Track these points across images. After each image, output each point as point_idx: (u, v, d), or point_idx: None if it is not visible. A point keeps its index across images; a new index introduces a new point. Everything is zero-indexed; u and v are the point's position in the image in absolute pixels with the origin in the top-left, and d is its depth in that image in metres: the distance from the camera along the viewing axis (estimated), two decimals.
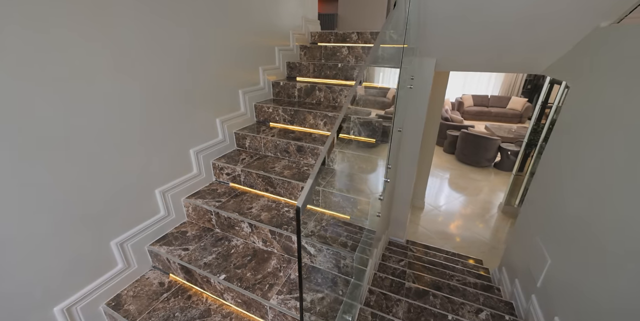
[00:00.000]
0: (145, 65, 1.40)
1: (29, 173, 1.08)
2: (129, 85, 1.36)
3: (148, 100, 1.46)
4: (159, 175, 1.62)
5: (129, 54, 1.33)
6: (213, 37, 1.75)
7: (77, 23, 1.13)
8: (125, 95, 1.35)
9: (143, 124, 1.46)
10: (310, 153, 1.89)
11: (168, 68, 1.52)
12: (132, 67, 1.35)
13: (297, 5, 2.54)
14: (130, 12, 1.29)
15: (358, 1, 3.97)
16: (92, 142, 1.27)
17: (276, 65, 2.37)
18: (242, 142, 2.09)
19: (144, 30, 1.36)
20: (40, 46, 1.04)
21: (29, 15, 0.99)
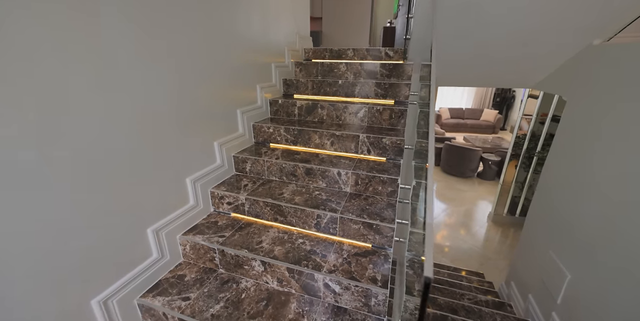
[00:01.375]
0: (134, 84, 1.21)
1: None
2: (116, 110, 1.15)
3: (139, 125, 1.25)
4: (152, 211, 1.39)
5: (115, 71, 1.13)
6: (210, 53, 1.59)
7: (55, 25, 0.93)
8: (112, 120, 1.14)
9: (133, 153, 1.24)
10: (320, 176, 1.74)
11: (161, 88, 1.33)
12: (119, 88, 1.15)
13: (291, 21, 2.46)
14: (118, 24, 1.11)
15: (342, 19, 4.01)
16: (72, 177, 1.03)
17: (273, 82, 2.24)
18: (242, 166, 1.89)
19: (133, 44, 1.18)
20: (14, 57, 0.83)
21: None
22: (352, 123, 2.05)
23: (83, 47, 1.00)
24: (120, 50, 1.12)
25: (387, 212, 1.54)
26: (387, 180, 1.64)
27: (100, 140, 1.10)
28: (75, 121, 1.01)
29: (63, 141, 0.98)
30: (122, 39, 1.12)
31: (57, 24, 0.92)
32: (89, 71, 1.03)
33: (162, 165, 1.40)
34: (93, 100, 1.06)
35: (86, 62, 1.02)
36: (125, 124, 1.19)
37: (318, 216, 1.54)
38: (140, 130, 1.25)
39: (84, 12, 0.99)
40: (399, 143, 1.78)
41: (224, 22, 1.66)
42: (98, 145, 1.10)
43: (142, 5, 1.18)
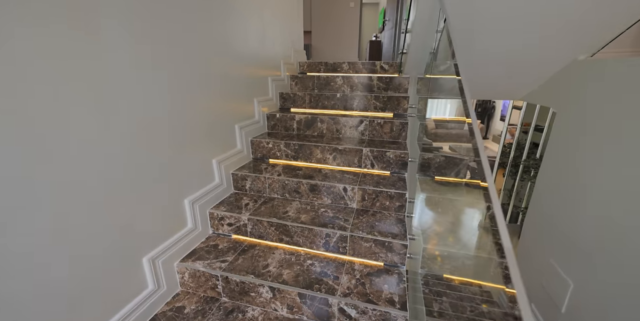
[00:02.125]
0: (132, 101, 1.12)
1: None
2: (113, 129, 1.06)
3: (136, 144, 1.16)
4: (148, 238, 1.27)
5: (113, 86, 1.05)
6: (209, 68, 1.53)
7: (45, 44, 0.84)
8: (107, 139, 1.05)
9: (129, 175, 1.14)
10: (325, 192, 1.68)
11: (160, 104, 1.25)
12: (115, 104, 1.07)
13: (286, 35, 2.45)
14: (119, 40, 1.04)
15: (330, 33, 4.07)
16: (60, 200, 0.92)
17: (269, 96, 2.19)
18: (241, 184, 1.80)
19: (133, 60, 1.10)
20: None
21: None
22: (353, 137, 2.02)
23: (82, 63, 0.92)
24: (120, 66, 1.04)
25: (397, 227, 1.50)
26: (394, 195, 1.60)
27: (93, 161, 1.00)
28: (68, 139, 0.91)
29: (54, 160, 0.88)
30: (123, 54, 1.05)
31: (56, 42, 0.84)
32: (87, 87, 0.94)
33: (160, 187, 1.30)
34: (89, 117, 0.97)
35: (85, 78, 0.93)
36: (122, 143, 1.09)
37: (327, 235, 1.47)
38: (137, 150, 1.16)
39: (83, 29, 0.91)
40: (403, 157, 1.76)
41: (222, 36, 1.61)
42: (91, 166, 1.00)
43: (142, 21, 1.11)
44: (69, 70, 0.89)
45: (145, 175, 1.21)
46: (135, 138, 1.14)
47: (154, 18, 1.16)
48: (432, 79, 1.96)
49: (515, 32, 1.77)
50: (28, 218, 0.83)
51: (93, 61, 0.96)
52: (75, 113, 0.92)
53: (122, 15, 1.04)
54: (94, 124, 0.98)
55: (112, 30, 1.00)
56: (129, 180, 1.13)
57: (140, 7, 1.10)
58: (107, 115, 1.02)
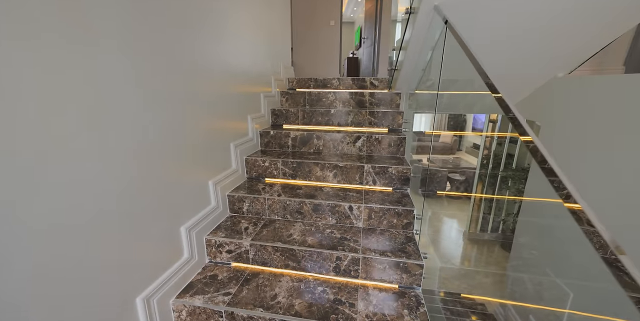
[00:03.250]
0: (126, 122, 1.01)
1: None
2: (106, 153, 0.94)
3: (129, 170, 1.03)
4: (142, 275, 1.12)
5: (107, 108, 0.93)
6: (204, 85, 1.44)
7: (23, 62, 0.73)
8: (97, 166, 0.92)
9: (123, 207, 1.01)
10: (329, 212, 1.61)
11: (156, 125, 1.13)
12: (109, 126, 0.95)
13: (276, 50, 2.42)
14: (116, 63, 0.94)
15: (312, 50, 4.12)
16: (45, 246, 0.78)
17: (262, 112, 2.11)
18: (237, 206, 1.68)
19: (127, 80, 1.00)
20: None
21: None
22: (351, 153, 1.99)
23: (74, 89, 0.80)
24: (114, 86, 0.93)
25: (409, 246, 1.45)
26: (402, 212, 1.56)
27: (83, 194, 0.87)
28: (57, 172, 0.78)
29: (41, 194, 0.74)
30: (118, 76, 0.94)
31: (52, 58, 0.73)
32: (80, 109, 0.83)
33: (156, 217, 1.16)
34: (81, 141, 0.84)
35: (78, 98, 0.82)
36: (115, 174, 0.97)
37: (338, 258, 1.38)
38: (131, 180, 1.03)
39: (82, 43, 0.81)
40: (405, 172, 1.74)
41: (218, 54, 1.54)
42: (80, 200, 0.86)
43: (140, 43, 1.02)
44: (59, 97, 0.78)
45: (140, 207, 1.07)
46: (128, 168, 1.01)
47: (150, 41, 1.07)
48: (422, 93, 2.00)
49: (499, 51, 1.87)
50: (6, 263, 0.68)
51: (86, 86, 0.85)
52: (66, 145, 0.80)
53: (120, 37, 0.94)
54: (85, 154, 0.86)
55: (109, 54, 0.90)
56: (122, 214, 1.00)
57: (138, 31, 1.01)
58: (100, 145, 0.90)
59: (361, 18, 6.35)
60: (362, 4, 6.02)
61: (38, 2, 0.71)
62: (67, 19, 0.78)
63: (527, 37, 1.73)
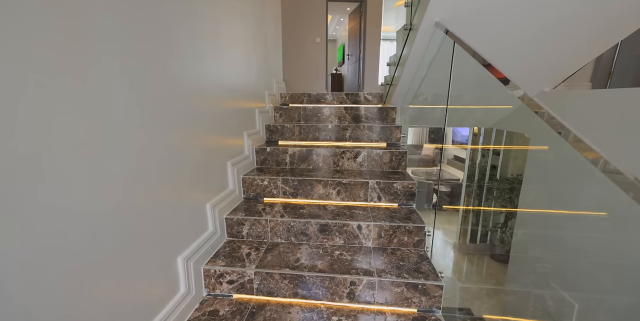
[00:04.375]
0: (122, 146, 0.90)
1: None
2: (99, 178, 0.82)
3: (127, 202, 0.91)
4: (138, 317, 0.96)
5: (98, 140, 0.82)
6: (200, 101, 1.35)
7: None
8: (94, 202, 0.80)
9: (119, 239, 0.87)
10: (337, 232, 1.52)
11: (153, 150, 1.02)
12: (103, 161, 0.83)
13: (270, 65, 2.37)
14: (115, 76, 0.84)
15: (298, 66, 4.13)
16: (29, 290, 0.64)
17: (257, 129, 2.03)
18: (236, 230, 1.55)
19: (125, 95, 0.90)
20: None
21: None
22: (352, 169, 1.93)
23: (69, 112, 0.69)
24: (108, 106, 0.83)
25: (423, 265, 1.38)
26: (412, 229, 1.50)
27: (73, 228, 0.73)
28: (48, 203, 0.65)
29: (25, 229, 0.61)
30: (113, 96, 0.84)
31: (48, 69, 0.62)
32: (74, 142, 0.71)
33: (153, 249, 1.02)
34: (73, 177, 0.72)
35: (70, 131, 0.70)
36: (109, 203, 0.84)
37: (352, 283, 1.28)
38: (126, 209, 0.90)
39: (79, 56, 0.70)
40: (410, 187, 1.70)
41: (215, 69, 1.46)
42: (70, 234, 0.73)
43: (135, 60, 0.93)
44: (53, 118, 0.66)
45: (135, 238, 0.94)
46: (122, 194, 0.89)
47: (145, 58, 0.98)
48: (418, 108, 2.01)
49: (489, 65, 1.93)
50: None
51: (82, 109, 0.74)
52: (58, 172, 0.68)
53: (118, 57, 0.85)
54: (79, 182, 0.74)
55: (104, 76, 0.80)
56: (115, 248, 0.86)
57: (134, 50, 0.92)
58: (95, 172, 0.78)
59: (343, 36, 6.55)
60: (344, 22, 6.23)
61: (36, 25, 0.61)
62: (66, 43, 0.68)
63: (516, 51, 1.80)
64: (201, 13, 1.31)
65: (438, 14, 1.41)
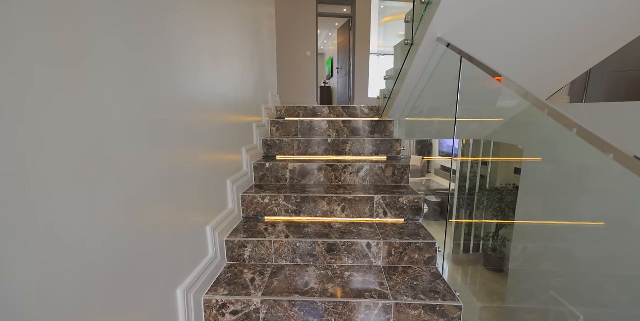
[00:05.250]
0: (123, 169, 0.81)
1: None
2: (95, 220, 0.72)
3: (125, 232, 0.81)
4: None
5: (97, 163, 0.74)
6: (201, 116, 1.27)
7: None
8: (88, 234, 0.70)
9: (115, 272, 0.77)
10: (345, 252, 1.45)
11: (153, 168, 0.94)
12: (99, 184, 0.75)
13: (266, 79, 2.33)
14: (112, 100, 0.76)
15: (290, 80, 4.12)
16: None
17: (254, 144, 1.95)
18: (238, 253, 1.45)
19: (124, 114, 0.82)
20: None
21: None
22: (355, 184, 1.88)
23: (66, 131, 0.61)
24: (106, 124, 0.75)
25: (438, 285, 1.32)
26: (423, 246, 1.45)
27: (66, 261, 0.63)
28: (40, 235, 0.56)
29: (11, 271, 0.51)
30: (112, 112, 0.76)
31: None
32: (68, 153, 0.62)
33: (150, 278, 0.91)
34: (66, 192, 0.63)
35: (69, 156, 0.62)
36: (105, 233, 0.74)
37: (367, 307, 1.20)
38: (123, 231, 0.80)
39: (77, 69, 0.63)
40: (416, 202, 1.66)
41: (215, 82, 1.39)
42: (64, 269, 0.62)
43: (130, 75, 0.86)
44: (48, 143, 0.58)
45: (133, 273, 0.83)
46: (121, 221, 0.79)
47: (146, 77, 0.92)
48: (416, 120, 2.01)
49: (480, 79, 1.97)
50: None
51: (76, 130, 0.66)
52: (47, 199, 0.59)
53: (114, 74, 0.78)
54: (73, 211, 0.64)
55: (102, 93, 0.73)
56: (111, 282, 0.75)
57: (134, 66, 0.86)
58: (90, 198, 0.69)
59: (331, 50, 6.66)
60: (333, 37, 6.35)
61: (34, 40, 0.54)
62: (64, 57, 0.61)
63: (509, 66, 1.85)
64: (202, 28, 1.26)
65: (440, 30, 1.42)
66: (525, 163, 2.36)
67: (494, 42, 1.58)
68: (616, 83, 2.97)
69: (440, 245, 1.53)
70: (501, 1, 1.29)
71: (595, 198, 1.84)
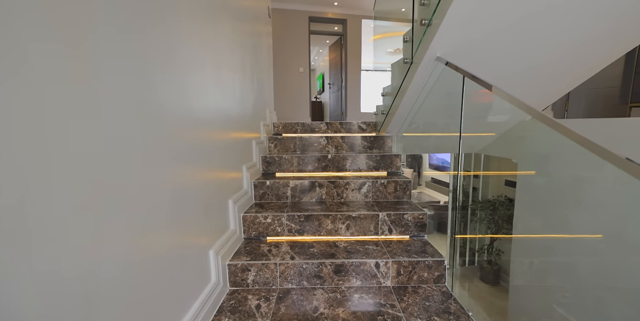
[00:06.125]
0: (128, 208, 0.76)
1: None
2: (103, 252, 0.67)
3: (135, 255, 0.76)
4: None
5: (103, 192, 0.69)
6: (204, 134, 1.24)
7: None
8: (93, 275, 0.65)
9: (116, 311, 0.71)
10: (353, 272, 1.40)
11: (157, 190, 0.89)
12: (102, 203, 0.70)
13: (264, 95, 2.32)
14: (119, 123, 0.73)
15: (283, 95, 4.14)
16: None
17: (254, 161, 1.91)
18: (241, 278, 1.37)
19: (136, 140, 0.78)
20: None
21: None
22: (357, 201, 1.86)
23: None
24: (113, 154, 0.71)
25: (450, 304, 1.29)
26: (432, 264, 1.42)
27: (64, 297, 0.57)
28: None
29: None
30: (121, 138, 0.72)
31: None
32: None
33: (152, 311, 0.84)
34: (70, 222, 0.58)
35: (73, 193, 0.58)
36: (107, 261, 0.69)
37: None
38: (129, 260, 0.75)
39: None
40: (421, 218, 1.65)
41: (218, 98, 1.37)
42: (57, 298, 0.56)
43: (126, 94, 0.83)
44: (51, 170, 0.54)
45: (136, 311, 0.77)
46: (125, 255, 0.74)
47: (153, 99, 0.89)
48: (413, 136, 2.03)
49: (477, 95, 2.03)
50: None
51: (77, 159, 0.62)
52: (46, 230, 0.54)
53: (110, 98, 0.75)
54: (75, 242, 0.59)
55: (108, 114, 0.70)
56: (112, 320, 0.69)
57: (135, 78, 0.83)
58: (96, 228, 0.64)
59: (322, 66, 6.79)
60: (324, 53, 6.49)
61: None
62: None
63: (503, 83, 1.92)
64: (207, 44, 1.25)
65: (439, 50, 1.47)
66: (520, 176, 2.41)
67: (493, 63, 1.64)
68: (595, 99, 3.14)
69: (447, 262, 1.51)
70: (499, 25, 1.34)
71: (590, 210, 1.88)
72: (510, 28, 1.37)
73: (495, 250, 4.10)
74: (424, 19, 1.40)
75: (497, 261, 4.07)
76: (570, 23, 1.41)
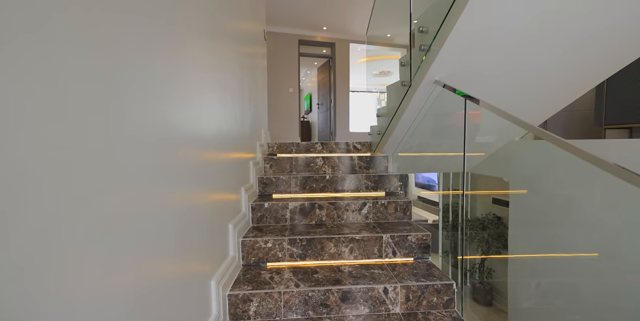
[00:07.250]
0: (136, 239, 0.70)
1: None
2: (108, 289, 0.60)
3: (143, 287, 0.68)
4: None
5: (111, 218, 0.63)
6: (210, 158, 1.19)
7: None
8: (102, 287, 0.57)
9: None
10: (361, 299, 1.33)
11: (162, 219, 0.83)
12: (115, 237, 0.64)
13: (259, 115, 2.30)
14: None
15: (273, 115, 4.15)
16: None
17: (251, 182, 1.85)
18: (243, 309, 1.27)
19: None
20: None
21: None
22: (358, 222, 1.82)
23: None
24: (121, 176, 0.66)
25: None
26: (441, 288, 1.38)
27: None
28: None
29: None
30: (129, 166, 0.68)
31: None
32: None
33: None
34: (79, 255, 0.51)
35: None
36: (119, 292, 0.61)
37: None
38: (138, 295, 0.67)
39: None
40: (425, 239, 1.62)
41: (223, 122, 1.34)
42: None
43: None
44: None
45: None
46: (139, 286, 0.66)
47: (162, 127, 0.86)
48: (409, 156, 2.06)
49: (470, 116, 2.11)
50: None
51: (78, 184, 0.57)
52: (48, 263, 0.47)
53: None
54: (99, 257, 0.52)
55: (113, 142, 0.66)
56: None
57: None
58: (106, 259, 0.57)
59: (309, 86, 6.93)
60: (311, 74, 6.65)
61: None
62: None
63: (504, 101, 2.01)
64: (211, 69, 1.23)
65: (437, 74, 1.52)
66: (512, 196, 2.47)
67: (489, 88, 1.73)
68: (572, 121, 3.34)
69: (461, 286, 1.48)
70: (496, 53, 1.42)
71: (584, 228, 1.93)
72: (507, 53, 1.45)
73: (486, 269, 4.10)
74: (423, 44, 1.46)
75: (488, 280, 4.06)
76: (556, 52, 1.51)
